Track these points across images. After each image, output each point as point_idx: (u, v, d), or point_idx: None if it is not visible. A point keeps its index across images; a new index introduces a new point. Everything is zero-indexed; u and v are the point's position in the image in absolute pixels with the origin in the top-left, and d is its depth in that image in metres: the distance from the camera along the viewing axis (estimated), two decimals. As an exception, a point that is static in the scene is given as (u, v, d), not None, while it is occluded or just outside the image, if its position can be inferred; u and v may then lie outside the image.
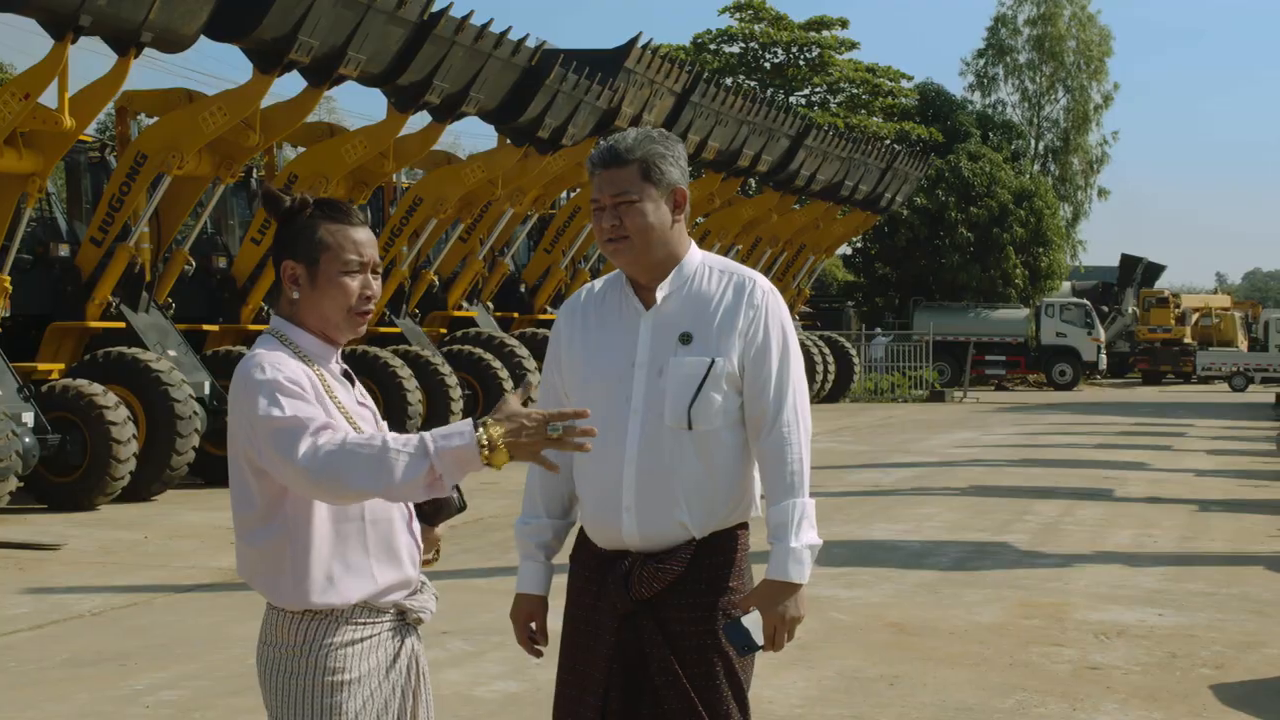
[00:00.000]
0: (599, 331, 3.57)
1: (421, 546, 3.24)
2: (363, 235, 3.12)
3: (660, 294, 3.53)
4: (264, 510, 3.05)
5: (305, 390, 2.99)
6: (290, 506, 3.04)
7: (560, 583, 3.58)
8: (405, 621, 3.17)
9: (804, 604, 3.46)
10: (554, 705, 3.59)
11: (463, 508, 3.33)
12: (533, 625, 3.64)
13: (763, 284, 3.56)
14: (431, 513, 3.25)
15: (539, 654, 3.56)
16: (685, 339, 3.48)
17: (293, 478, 2.91)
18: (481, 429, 2.82)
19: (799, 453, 3.49)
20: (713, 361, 3.47)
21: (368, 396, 3.24)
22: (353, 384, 3.20)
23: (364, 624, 3.09)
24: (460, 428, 2.83)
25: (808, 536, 3.46)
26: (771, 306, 3.53)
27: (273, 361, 3.01)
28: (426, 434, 2.84)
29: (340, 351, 3.20)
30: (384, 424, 3.23)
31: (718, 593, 3.49)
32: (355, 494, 2.90)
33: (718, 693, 3.45)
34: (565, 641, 3.57)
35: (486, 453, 2.81)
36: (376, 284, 3.16)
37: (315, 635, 3.06)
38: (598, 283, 3.67)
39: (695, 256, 3.58)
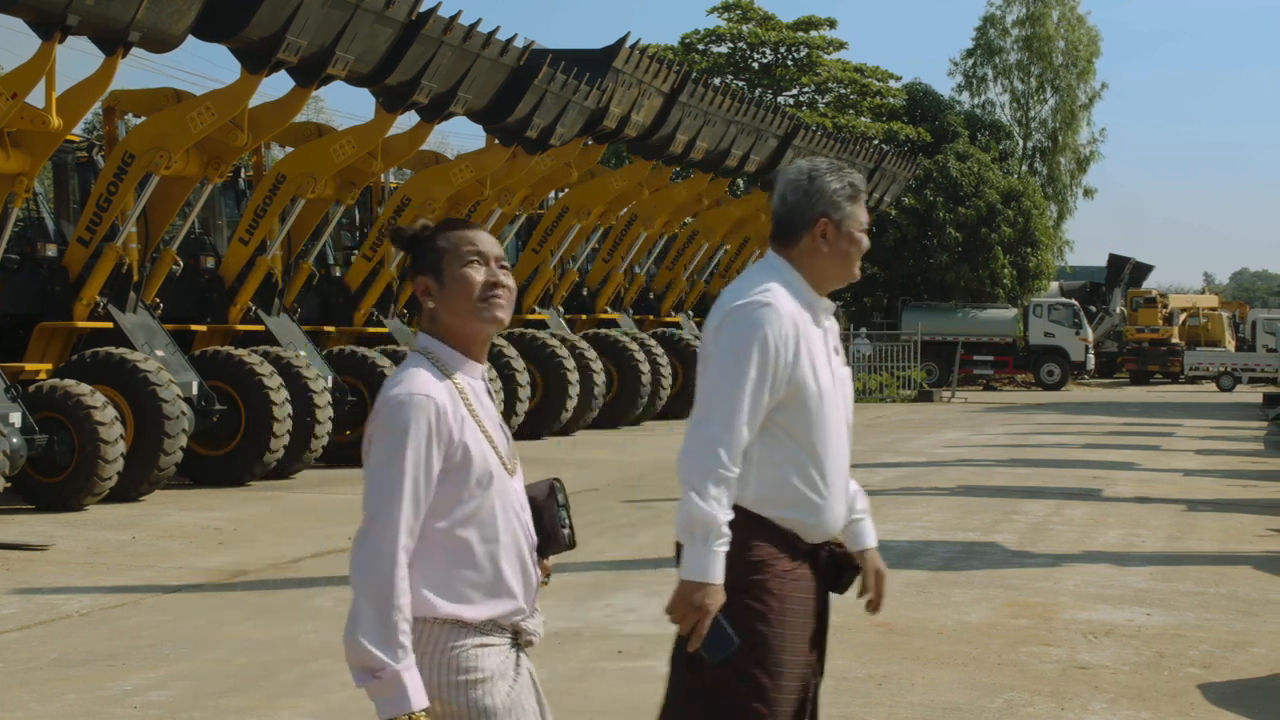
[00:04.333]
0: (810, 346, 3.77)
1: (539, 573, 3.35)
2: (478, 233, 3.28)
3: (826, 307, 3.86)
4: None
5: (426, 442, 3.13)
6: (444, 520, 3.17)
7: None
8: (518, 642, 3.28)
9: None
10: (775, 687, 3.68)
11: (572, 546, 3.45)
12: None
13: None
14: (543, 545, 3.38)
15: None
16: (837, 350, 3.89)
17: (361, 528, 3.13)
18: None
19: None
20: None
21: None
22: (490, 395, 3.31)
23: (488, 635, 3.21)
24: (415, 695, 3.04)
25: None
26: None
27: (415, 402, 3.13)
28: (403, 666, 3.04)
29: (485, 367, 3.32)
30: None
31: None
32: (354, 585, 3.11)
33: None
34: (788, 630, 3.73)
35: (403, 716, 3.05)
36: (505, 277, 3.27)
37: (443, 640, 3.15)
38: (784, 295, 3.75)
39: None
